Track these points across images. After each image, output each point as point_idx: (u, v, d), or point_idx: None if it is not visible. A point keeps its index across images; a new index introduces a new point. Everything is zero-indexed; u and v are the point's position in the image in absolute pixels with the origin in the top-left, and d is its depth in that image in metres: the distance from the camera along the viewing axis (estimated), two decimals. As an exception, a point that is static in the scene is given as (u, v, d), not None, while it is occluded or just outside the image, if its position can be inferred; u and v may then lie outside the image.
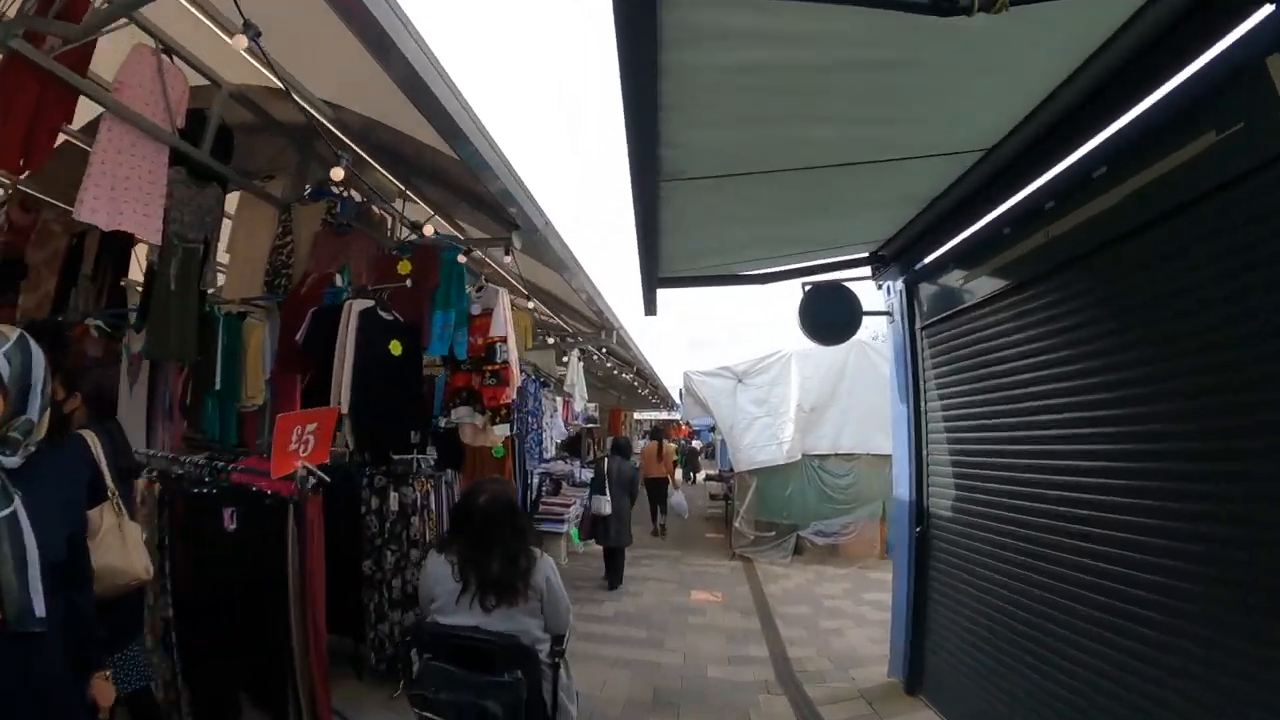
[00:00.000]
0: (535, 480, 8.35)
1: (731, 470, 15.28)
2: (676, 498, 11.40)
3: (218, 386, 4.32)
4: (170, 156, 3.30)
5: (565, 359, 8.60)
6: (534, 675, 2.32)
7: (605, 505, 7.49)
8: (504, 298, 4.68)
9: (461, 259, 4.30)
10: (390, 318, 4.24)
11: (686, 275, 4.45)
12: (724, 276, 4.60)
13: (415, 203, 4.77)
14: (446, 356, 4.56)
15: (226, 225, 5.41)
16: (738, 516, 9.32)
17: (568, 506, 8.49)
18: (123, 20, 2.68)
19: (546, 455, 7.78)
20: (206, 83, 3.49)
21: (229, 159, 4.14)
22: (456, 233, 4.70)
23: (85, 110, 3.04)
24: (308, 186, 4.89)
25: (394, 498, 4.14)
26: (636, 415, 26.96)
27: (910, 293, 4.41)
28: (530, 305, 6.03)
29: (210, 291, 4.34)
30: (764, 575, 8.32)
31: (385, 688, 4.01)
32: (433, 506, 4.24)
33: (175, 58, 3.18)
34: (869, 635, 5.78)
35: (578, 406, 8.82)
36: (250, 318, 4.66)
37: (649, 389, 17.70)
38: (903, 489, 4.43)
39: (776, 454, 8.99)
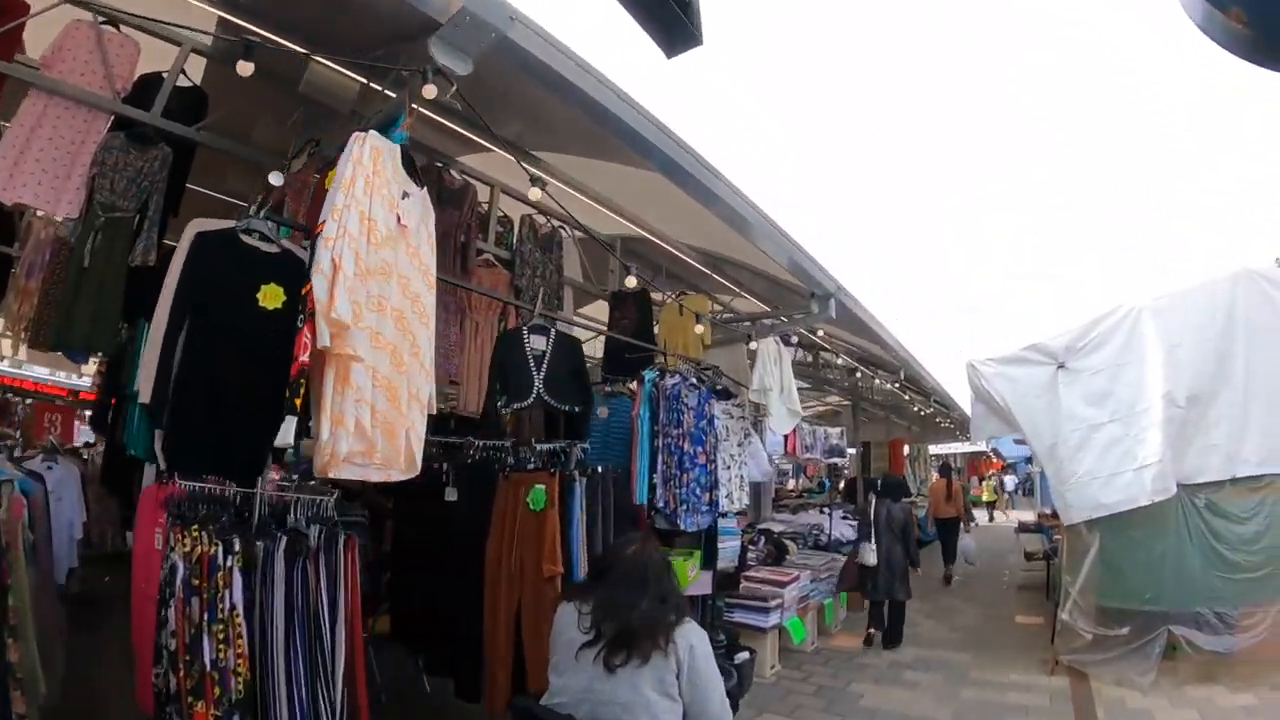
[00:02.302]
0: (731, 545, 5.73)
1: (1052, 516, 10.59)
2: (965, 541, 10.21)
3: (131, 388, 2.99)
4: (116, 122, 3.18)
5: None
6: None
7: (870, 554, 6.39)
8: (362, 144, 2.20)
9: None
10: (273, 249, 2.50)
11: None
12: None
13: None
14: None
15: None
16: (1065, 601, 5.37)
17: (783, 585, 5.80)
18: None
19: (727, 507, 4.88)
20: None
21: (196, 120, 3.50)
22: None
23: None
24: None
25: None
26: (933, 449, 22.00)
27: None
28: (535, 196, 3.58)
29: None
30: (1107, 713, 4.51)
31: None
32: (232, 598, 2.07)
33: (123, 27, 3.16)
34: None
35: (779, 426, 5.82)
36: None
37: (932, 406, 13.58)
38: None
39: (1135, 488, 5.02)
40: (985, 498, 20.38)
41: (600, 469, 3.47)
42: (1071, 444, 5.34)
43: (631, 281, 4.59)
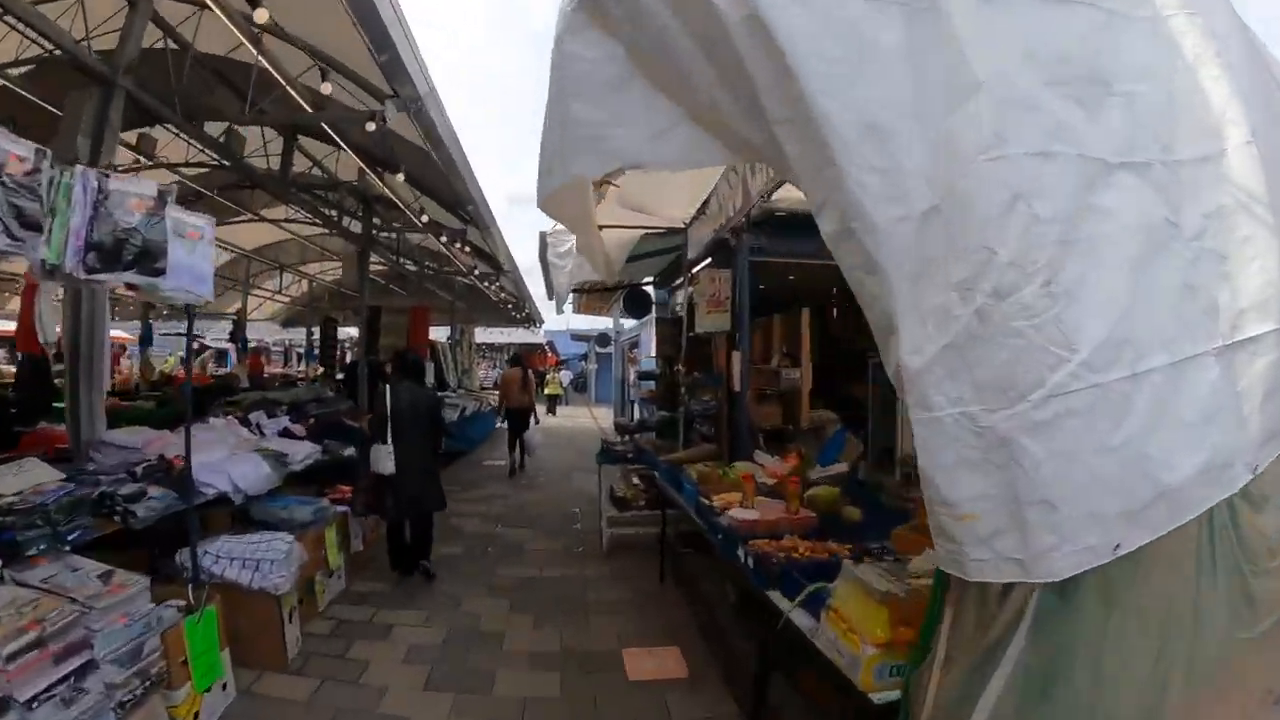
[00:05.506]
0: None
1: (642, 428, 8.29)
2: (529, 432, 9.86)
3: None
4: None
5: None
6: None
7: (388, 459, 4.52)
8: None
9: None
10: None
11: None
12: None
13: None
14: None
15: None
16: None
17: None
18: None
19: None
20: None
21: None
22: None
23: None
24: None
25: None
26: (481, 335, 19.15)
27: None
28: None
29: None
30: None
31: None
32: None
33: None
34: None
35: None
36: None
37: (468, 258, 9.67)
38: None
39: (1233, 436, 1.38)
40: (549, 391, 18.64)
41: None
42: (1032, 254, 1.21)
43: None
